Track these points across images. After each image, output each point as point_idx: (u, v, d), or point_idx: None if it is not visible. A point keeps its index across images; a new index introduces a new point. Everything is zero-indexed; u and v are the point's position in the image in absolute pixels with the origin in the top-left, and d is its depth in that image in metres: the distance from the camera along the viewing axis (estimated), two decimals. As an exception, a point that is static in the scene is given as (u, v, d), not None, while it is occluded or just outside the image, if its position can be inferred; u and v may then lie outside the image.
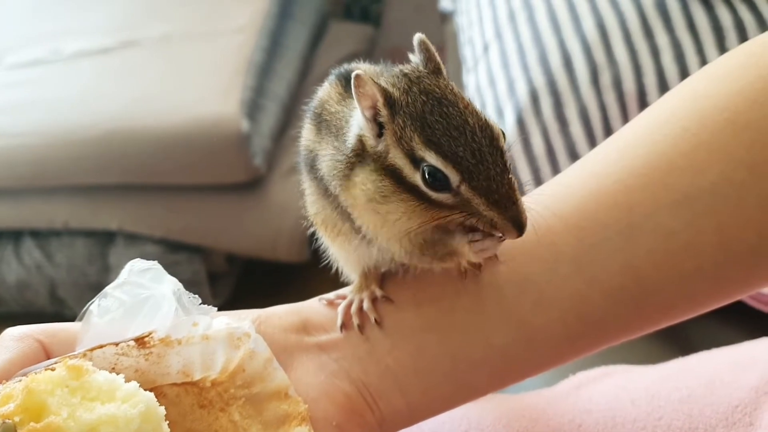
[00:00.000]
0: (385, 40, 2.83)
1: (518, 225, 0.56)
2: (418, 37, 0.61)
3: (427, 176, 0.56)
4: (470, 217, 0.57)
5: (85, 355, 0.55)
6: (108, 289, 0.58)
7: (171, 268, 2.35)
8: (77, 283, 2.30)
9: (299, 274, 2.16)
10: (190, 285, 2.28)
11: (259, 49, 2.29)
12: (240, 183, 2.18)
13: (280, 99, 2.31)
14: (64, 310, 2.38)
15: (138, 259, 0.59)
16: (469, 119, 0.57)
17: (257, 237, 2.19)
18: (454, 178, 0.56)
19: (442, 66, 0.60)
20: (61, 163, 2.22)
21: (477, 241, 0.59)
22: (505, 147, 0.57)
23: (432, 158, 0.56)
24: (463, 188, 0.56)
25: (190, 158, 2.14)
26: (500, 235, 0.58)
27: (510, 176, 0.57)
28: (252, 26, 2.33)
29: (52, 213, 2.28)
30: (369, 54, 2.63)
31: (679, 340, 1.08)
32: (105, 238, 2.28)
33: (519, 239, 0.58)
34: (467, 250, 0.60)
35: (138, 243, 2.25)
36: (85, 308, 0.57)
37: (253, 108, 2.18)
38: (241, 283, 2.42)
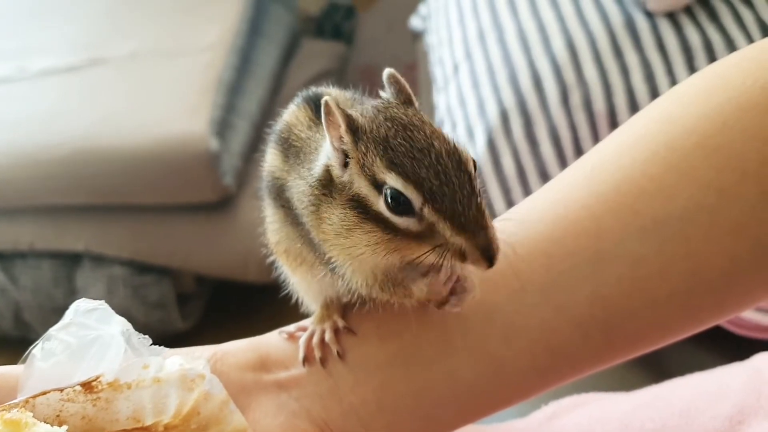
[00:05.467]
0: (357, 57, 2.82)
1: (488, 255, 0.53)
2: (387, 72, 0.59)
3: (389, 200, 0.54)
4: (439, 251, 0.54)
5: (27, 402, 0.52)
6: (52, 330, 0.55)
7: (139, 290, 2.31)
8: (43, 306, 2.25)
9: (270, 296, 2.13)
10: (158, 307, 2.24)
11: (229, 66, 2.27)
12: (209, 203, 2.15)
13: (250, 117, 2.28)
14: (29, 334, 2.32)
15: (83, 298, 0.56)
16: (435, 143, 0.54)
17: (227, 258, 2.16)
18: (416, 200, 0.53)
19: (413, 97, 0.58)
20: (26, 183, 2.17)
21: (430, 281, 0.57)
22: (475, 174, 0.54)
23: (392, 180, 0.54)
24: (427, 211, 0.53)
25: (158, 178, 2.10)
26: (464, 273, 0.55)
27: (479, 200, 0.54)
28: (221, 44, 2.31)
29: (17, 234, 2.24)
30: (341, 72, 2.62)
31: (653, 364, 1.07)
32: (71, 260, 2.24)
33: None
34: (418, 287, 0.57)
35: (105, 264, 2.20)
36: (27, 352, 0.54)
37: (222, 126, 2.15)
38: (212, 305, 2.38)
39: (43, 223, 2.23)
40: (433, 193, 0.53)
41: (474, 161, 0.55)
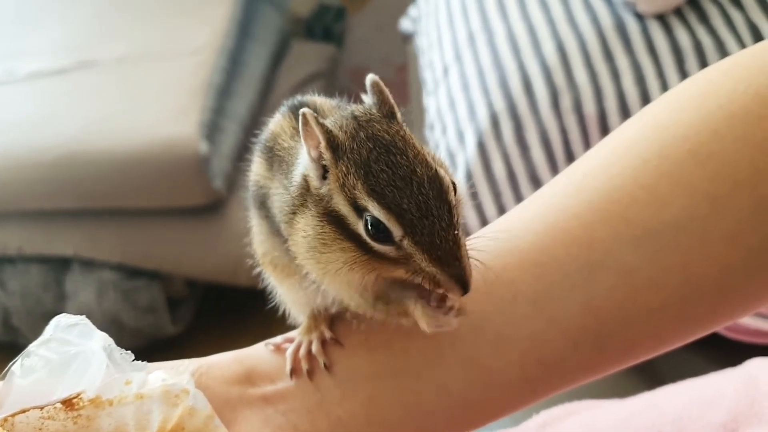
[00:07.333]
0: (347, 59, 2.81)
1: (462, 283, 0.54)
2: (370, 78, 0.57)
3: (369, 227, 0.54)
4: (414, 274, 0.54)
5: (6, 420, 0.51)
6: (32, 347, 0.54)
7: (129, 295, 2.29)
8: (32, 311, 2.24)
9: (261, 300, 2.12)
10: (148, 312, 2.22)
11: (218, 69, 2.26)
12: (199, 206, 2.14)
13: (240, 120, 2.27)
14: (18, 339, 2.31)
15: (64, 314, 0.55)
16: (418, 169, 0.54)
17: (217, 261, 2.15)
18: (396, 231, 0.53)
19: (396, 110, 0.57)
20: (15, 187, 2.16)
21: (432, 315, 0.56)
22: (454, 200, 0.54)
23: (375, 209, 0.53)
24: (406, 243, 0.53)
25: (148, 181, 2.09)
26: (448, 302, 0.55)
27: (456, 232, 0.54)
28: (211, 46, 2.30)
29: (6, 239, 2.22)
30: (331, 74, 2.61)
31: (646, 370, 1.06)
32: (60, 265, 2.22)
33: (478, 275, 0.55)
34: (421, 320, 0.57)
35: (95, 269, 2.19)
36: (6, 368, 0.53)
37: (212, 129, 2.14)
38: (202, 309, 2.36)
39: (31, 227, 2.22)
40: (413, 226, 0.53)
41: (455, 185, 0.55)
